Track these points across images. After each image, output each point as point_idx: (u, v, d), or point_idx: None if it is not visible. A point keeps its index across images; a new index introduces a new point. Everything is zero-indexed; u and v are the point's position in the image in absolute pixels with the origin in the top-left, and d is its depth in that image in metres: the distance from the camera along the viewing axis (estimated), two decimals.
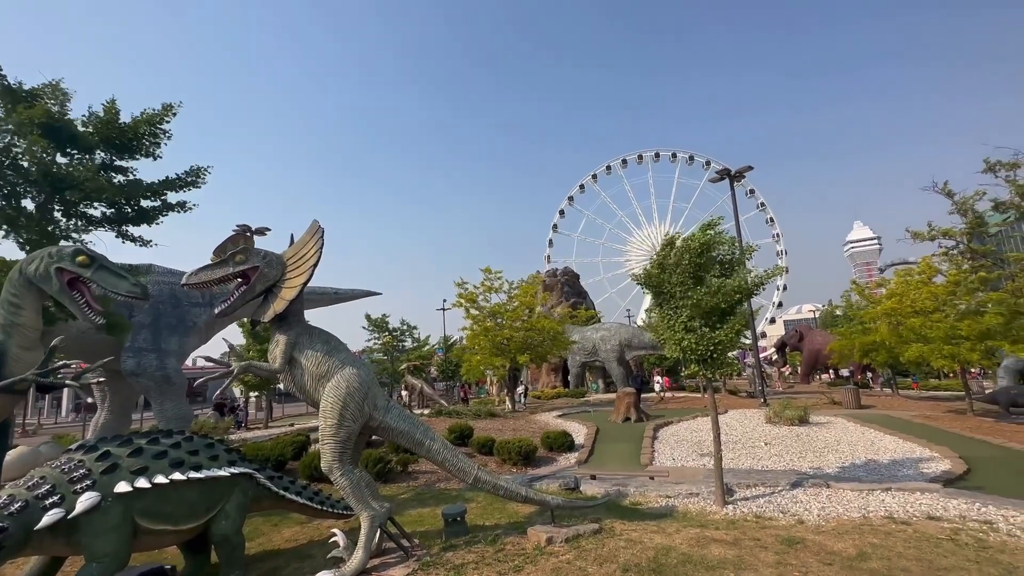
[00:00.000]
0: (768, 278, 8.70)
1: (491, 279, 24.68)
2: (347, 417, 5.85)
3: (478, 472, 6.60)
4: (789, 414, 16.26)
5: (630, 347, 33.71)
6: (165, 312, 13.71)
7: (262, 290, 6.19)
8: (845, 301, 35.62)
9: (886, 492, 8.44)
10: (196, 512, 5.41)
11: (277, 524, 8.12)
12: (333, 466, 5.74)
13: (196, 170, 9.98)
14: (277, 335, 6.12)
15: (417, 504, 9.21)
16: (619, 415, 18.58)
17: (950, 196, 14.58)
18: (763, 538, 6.23)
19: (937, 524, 6.71)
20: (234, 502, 5.75)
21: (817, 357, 36.16)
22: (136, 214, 9.40)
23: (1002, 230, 15.55)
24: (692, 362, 8.30)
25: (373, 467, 11.17)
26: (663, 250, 8.91)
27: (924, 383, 33.25)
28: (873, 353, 23.07)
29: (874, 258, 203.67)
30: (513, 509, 8.10)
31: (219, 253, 6.01)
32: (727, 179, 25.04)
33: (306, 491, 6.94)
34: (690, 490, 9.17)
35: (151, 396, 13.26)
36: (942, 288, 17.33)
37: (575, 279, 51.75)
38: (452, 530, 6.78)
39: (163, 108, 9.60)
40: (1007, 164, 13.00)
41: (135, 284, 5.73)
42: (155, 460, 5.23)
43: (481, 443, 13.42)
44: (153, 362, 12.93)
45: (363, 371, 6.19)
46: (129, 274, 5.81)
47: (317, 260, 6.12)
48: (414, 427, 6.46)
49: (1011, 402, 17.65)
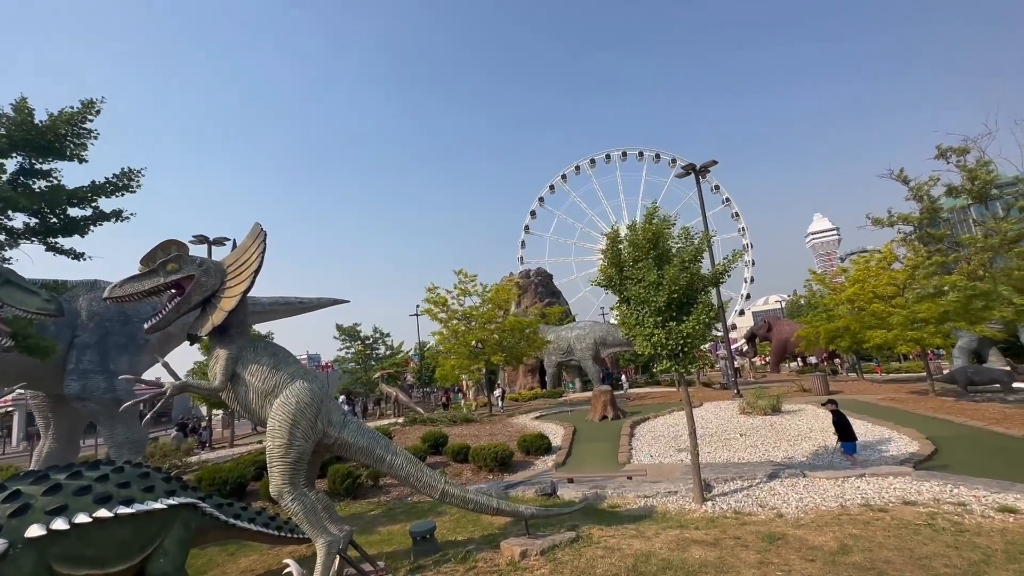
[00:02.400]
0: (729, 265, 8.54)
1: (465, 282, 24.24)
2: (298, 436, 5.37)
3: (445, 486, 6.20)
4: (762, 404, 16.39)
5: (605, 345, 33.71)
6: (113, 330, 12.84)
7: (199, 301, 5.65)
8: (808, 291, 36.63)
9: (860, 479, 8.43)
10: (128, 552, 4.84)
11: (233, 553, 7.53)
12: (283, 490, 5.26)
13: (128, 173, 9.14)
14: (217, 350, 5.59)
15: (387, 520, 8.74)
16: (596, 414, 18.41)
17: (906, 182, 14.96)
18: (743, 536, 6.05)
19: (913, 509, 6.67)
20: (174, 537, 5.19)
21: (786, 346, 36.99)
22: (63, 224, 8.53)
23: (954, 214, 16.04)
24: (663, 358, 8.09)
25: (341, 483, 10.63)
26: (610, 247, 8.69)
27: (887, 366, 34.38)
28: (838, 339, 23.62)
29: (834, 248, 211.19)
30: (487, 521, 7.72)
31: (147, 262, 5.45)
32: (693, 174, 25.28)
33: (260, 517, 6.39)
34: (668, 488, 8.98)
35: (100, 421, 12.38)
36: (902, 273, 17.81)
37: (548, 279, 51.69)
38: (421, 548, 6.37)
39: (84, 106, 8.78)
40: (957, 150, 13.39)
41: (48, 300, 5.13)
42: (76, 497, 4.65)
43: (456, 450, 12.99)
44: (101, 384, 12.06)
45: (315, 384, 5.72)
46: (42, 289, 5.19)
47: (259, 266, 5.63)
48: (374, 442, 6.01)
49: (968, 381, 18.30)
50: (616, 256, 8.57)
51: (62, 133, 8.74)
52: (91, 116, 9.08)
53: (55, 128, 8.47)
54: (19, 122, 7.90)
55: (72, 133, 8.90)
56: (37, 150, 8.56)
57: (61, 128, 8.44)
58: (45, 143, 8.35)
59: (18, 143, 8.37)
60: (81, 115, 8.92)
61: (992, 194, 14.11)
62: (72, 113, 8.87)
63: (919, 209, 14.92)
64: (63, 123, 8.39)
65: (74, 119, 8.82)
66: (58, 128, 8.51)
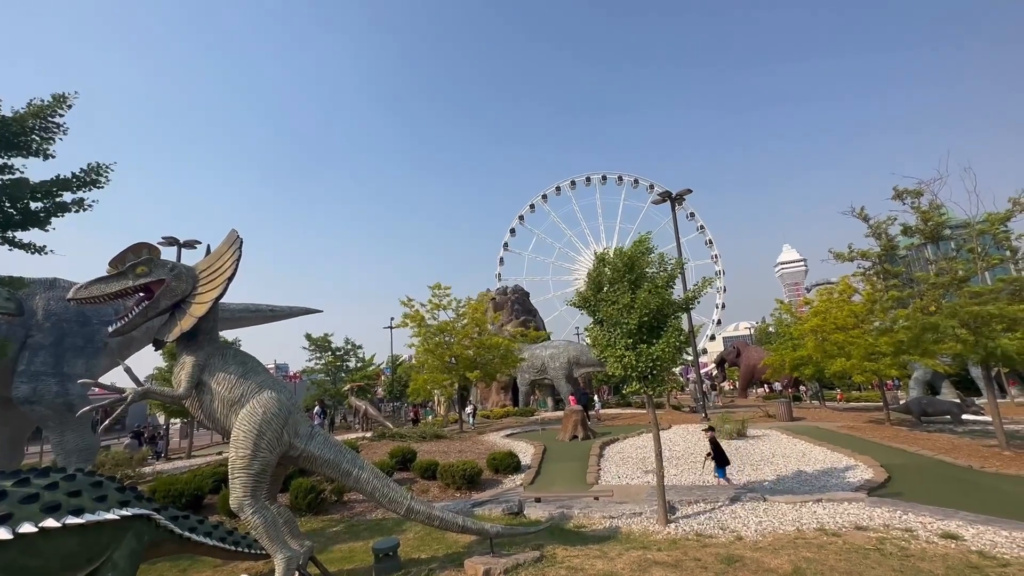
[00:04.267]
0: (700, 291, 8.87)
1: (439, 295, 24.18)
2: (262, 447, 5.28)
3: (411, 502, 6.15)
4: (728, 428, 16.74)
5: (578, 364, 33.93)
6: (70, 331, 12.31)
7: (168, 306, 5.55)
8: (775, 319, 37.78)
9: (817, 503, 8.71)
10: (75, 564, 4.64)
11: (185, 570, 7.25)
12: (244, 503, 5.14)
13: (95, 168, 8.81)
14: (184, 356, 5.48)
15: (349, 537, 8.54)
16: (567, 433, 18.45)
17: (866, 220, 15.78)
18: (703, 558, 6.17)
19: (864, 534, 6.93)
20: (124, 549, 4.99)
21: (754, 372, 37.92)
22: (23, 217, 8.15)
23: (909, 252, 16.96)
24: (633, 379, 8.26)
25: (304, 498, 10.35)
26: (596, 267, 8.94)
27: (847, 395, 35.57)
28: (802, 367, 24.41)
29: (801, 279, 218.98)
30: (452, 539, 7.65)
31: (117, 264, 5.34)
32: (669, 201, 26.04)
33: (217, 531, 6.18)
34: (634, 510, 9.07)
35: (49, 427, 11.80)
36: (860, 306, 18.63)
37: (525, 297, 51.91)
38: (383, 566, 6.27)
39: (54, 99, 8.50)
40: (912, 192, 14.24)
41: (8, 299, 4.96)
42: (22, 505, 4.44)
43: (424, 467, 12.82)
44: (53, 387, 11.51)
45: (283, 395, 5.65)
46: (1, 288, 5.02)
47: (233, 273, 5.58)
48: (340, 455, 5.94)
49: (922, 411, 19.15)
50: (598, 278, 8.78)
51: (29, 126, 8.44)
52: (62, 110, 8.82)
53: (22, 121, 8.18)
54: None
55: (40, 127, 8.61)
56: (2, 144, 8.24)
57: (29, 121, 8.15)
58: (9, 136, 8.04)
59: None
60: (51, 108, 8.64)
61: (944, 235, 15.00)
62: (41, 106, 8.58)
63: (878, 246, 15.71)
64: (31, 115, 8.10)
65: (43, 112, 8.53)
66: (26, 121, 8.22)
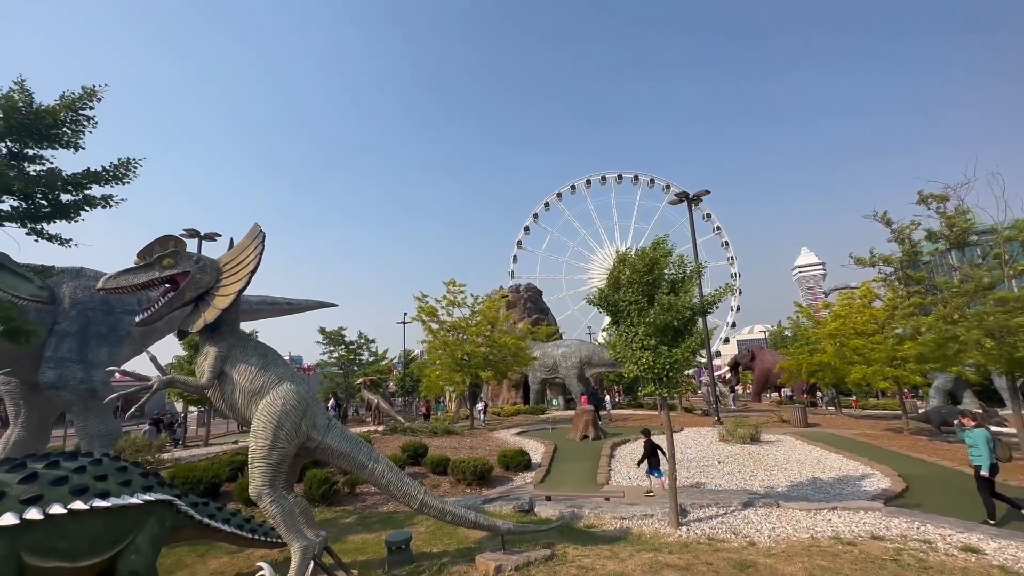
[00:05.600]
0: (720, 297, 8.87)
1: (454, 292, 24.28)
2: (281, 437, 5.39)
3: (424, 496, 6.22)
4: (741, 432, 16.56)
5: (590, 364, 33.83)
6: (95, 320, 12.63)
7: (192, 297, 5.69)
8: (792, 323, 37.23)
9: (832, 511, 8.58)
10: (100, 546, 4.78)
11: (203, 555, 7.42)
12: (263, 491, 5.25)
13: (126, 162, 9.05)
14: (207, 347, 5.61)
15: (362, 529, 8.66)
16: (577, 433, 18.43)
17: (889, 225, 15.45)
18: (715, 562, 6.13)
19: (881, 544, 6.82)
20: (147, 534, 5.14)
21: (768, 376, 37.46)
22: (53, 209, 8.40)
23: (933, 258, 16.57)
24: (649, 381, 8.24)
25: (318, 489, 10.52)
26: (616, 267, 8.93)
27: (864, 402, 34.92)
28: (820, 373, 24.04)
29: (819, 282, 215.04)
30: (463, 534, 7.72)
31: (144, 256, 5.49)
32: (686, 202, 25.79)
33: (235, 518, 6.33)
34: (645, 511, 9.04)
35: (73, 412, 12.12)
36: (881, 312, 18.27)
37: (538, 295, 51.89)
38: (395, 559, 6.35)
39: (85, 92, 8.71)
40: (938, 197, 13.91)
41: (41, 287, 5.12)
42: (52, 487, 4.60)
43: (435, 462, 12.93)
44: (78, 374, 11.83)
45: (302, 387, 5.75)
46: (35, 276, 5.18)
47: (256, 266, 5.69)
48: (356, 448, 6.03)
49: (942, 421, 18.71)
50: (618, 278, 8.77)
51: (61, 119, 8.67)
52: (91, 103, 9.03)
53: (55, 114, 8.41)
54: (16, 106, 7.82)
55: (71, 119, 8.84)
56: (33, 136, 8.47)
57: (62, 114, 8.38)
58: (42, 128, 8.28)
59: (14, 127, 8.28)
60: (82, 101, 8.86)
61: (970, 241, 14.63)
62: (73, 99, 8.81)
63: (900, 251, 15.39)
64: (63, 108, 8.33)
65: (75, 105, 8.76)
66: (58, 114, 8.46)
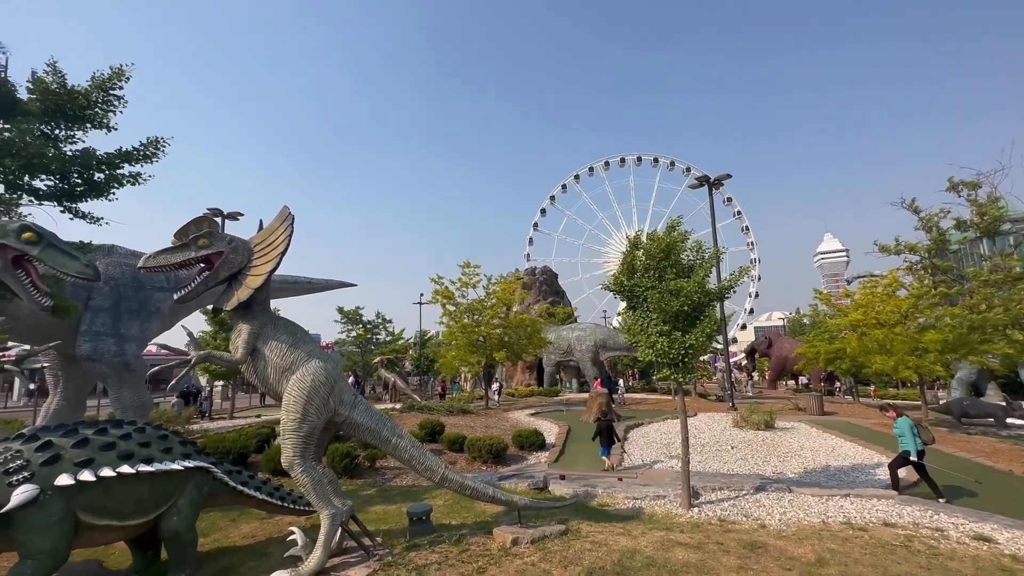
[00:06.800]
0: (736, 281, 8.83)
1: (469, 274, 24.48)
2: (311, 412, 5.66)
3: (445, 471, 6.48)
4: (756, 419, 16.61)
5: (605, 348, 33.97)
6: (127, 296, 13.12)
7: (226, 277, 5.93)
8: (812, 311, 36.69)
9: (845, 498, 8.67)
10: (145, 507, 5.15)
11: (235, 520, 7.85)
12: (294, 462, 5.54)
13: (154, 141, 9.33)
14: (240, 324, 5.87)
15: (382, 501, 9.03)
16: (591, 415, 18.66)
17: (916, 212, 15.10)
18: (726, 542, 6.30)
19: (892, 531, 6.91)
20: (187, 497, 5.50)
21: (785, 363, 37.11)
22: (86, 187, 8.76)
23: (962, 247, 16.14)
24: (664, 366, 8.33)
25: (340, 462, 10.94)
26: (629, 252, 8.96)
27: (883, 392, 34.48)
28: (838, 361, 23.77)
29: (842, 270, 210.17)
30: (480, 508, 8.01)
31: (181, 236, 5.72)
32: (706, 186, 25.41)
33: (266, 486, 6.70)
34: (657, 492, 9.24)
35: (108, 383, 12.69)
36: (905, 301, 17.94)
37: (554, 278, 51.96)
38: (416, 529, 6.65)
39: (114, 72, 8.95)
40: (969, 184, 13.53)
41: (87, 265, 5.39)
42: (102, 452, 4.95)
43: (452, 440, 13.28)
44: (111, 347, 12.36)
45: (330, 364, 6.00)
46: (81, 254, 5.46)
47: (286, 248, 5.90)
48: (381, 423, 6.29)
49: (963, 413, 18.44)
50: (632, 262, 8.82)
51: (93, 99, 8.93)
52: (120, 83, 9.27)
53: (87, 95, 8.68)
54: (50, 88, 8.09)
55: (102, 100, 9.09)
56: (66, 117, 8.75)
57: (94, 94, 8.65)
58: (75, 109, 8.56)
59: (49, 109, 8.57)
60: (111, 81, 9.10)
61: (1002, 229, 14.22)
62: (103, 79, 9.05)
63: (927, 240, 15.04)
64: (95, 88, 8.59)
65: (105, 85, 9.00)
66: (90, 94, 8.72)
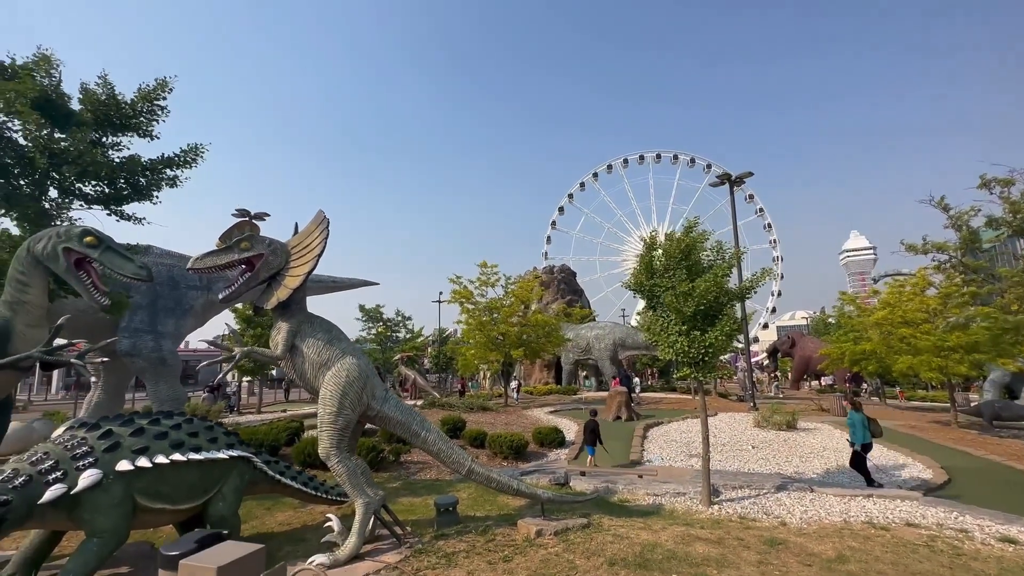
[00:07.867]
0: (757, 282, 8.88)
1: (487, 273, 24.75)
2: (346, 406, 5.97)
3: (472, 464, 6.74)
4: (777, 419, 16.51)
5: (624, 347, 33.92)
6: (163, 294, 13.76)
7: (266, 278, 6.28)
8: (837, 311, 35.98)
9: (867, 499, 8.65)
10: (194, 493, 5.52)
11: (271, 508, 8.24)
12: (331, 453, 5.86)
13: (194, 148, 9.98)
14: (280, 322, 6.22)
15: (408, 493, 9.35)
16: (610, 413, 18.78)
17: (946, 210, 14.78)
18: (746, 538, 6.41)
19: (915, 531, 6.91)
20: (231, 484, 5.86)
21: (808, 363, 36.55)
22: (131, 191, 9.41)
23: (994, 246, 15.74)
24: (684, 364, 8.44)
25: (366, 456, 11.28)
26: (646, 253, 9.08)
27: (911, 394, 33.68)
28: (864, 362, 23.35)
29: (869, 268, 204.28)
30: (504, 502, 8.26)
31: (225, 239, 6.10)
32: (727, 184, 25.19)
33: (301, 476, 7.05)
34: (677, 489, 9.35)
35: (145, 377, 13.32)
36: (933, 300, 17.57)
37: (572, 277, 51.90)
38: (444, 519, 6.92)
39: (158, 84, 9.56)
40: (1002, 181, 13.19)
41: (141, 266, 5.79)
42: (156, 440, 5.32)
43: (473, 436, 13.56)
44: (149, 343, 12.99)
45: (363, 361, 6.31)
46: (135, 256, 5.87)
47: (322, 250, 6.21)
48: (411, 418, 6.58)
49: (994, 415, 17.98)
50: (650, 262, 8.94)
51: (139, 109, 9.53)
52: (164, 93, 9.85)
53: (134, 105, 9.28)
54: (102, 100, 8.65)
55: (147, 110, 9.70)
56: (113, 125, 9.37)
57: (140, 104, 9.26)
58: (123, 118, 9.18)
59: (100, 119, 9.18)
60: (156, 92, 9.69)
61: None
62: (148, 90, 9.65)
63: (957, 238, 14.73)
64: (141, 99, 9.22)
65: (151, 96, 9.60)
66: (137, 105, 9.33)
